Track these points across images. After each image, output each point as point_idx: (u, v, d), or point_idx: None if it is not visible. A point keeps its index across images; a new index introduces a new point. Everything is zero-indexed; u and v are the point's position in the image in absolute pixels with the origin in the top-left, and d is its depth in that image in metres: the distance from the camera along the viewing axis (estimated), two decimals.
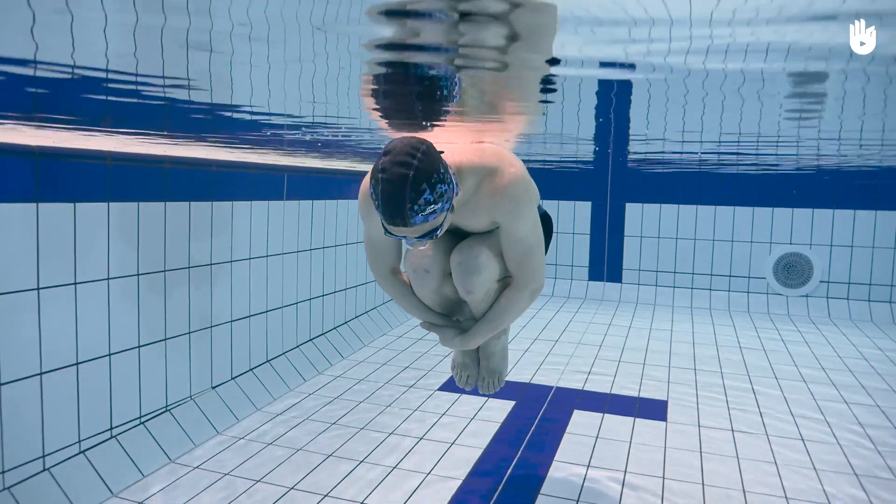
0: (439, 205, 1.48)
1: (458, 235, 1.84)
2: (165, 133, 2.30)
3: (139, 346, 2.61)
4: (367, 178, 1.71)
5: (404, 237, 1.54)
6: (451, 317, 1.96)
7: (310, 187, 3.88)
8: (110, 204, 2.44)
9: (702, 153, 4.05)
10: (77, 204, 2.30)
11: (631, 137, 3.20)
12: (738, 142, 3.20)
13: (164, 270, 2.73)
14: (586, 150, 4.08)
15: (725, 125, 2.61)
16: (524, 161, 1.80)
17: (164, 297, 2.73)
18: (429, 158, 1.47)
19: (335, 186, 4.14)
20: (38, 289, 2.16)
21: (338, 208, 4.18)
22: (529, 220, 1.71)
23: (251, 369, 3.34)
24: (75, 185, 2.31)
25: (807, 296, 5.75)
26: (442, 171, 1.50)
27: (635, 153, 4.45)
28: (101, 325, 2.43)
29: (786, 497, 2.37)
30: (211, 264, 3.02)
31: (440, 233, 1.56)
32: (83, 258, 2.33)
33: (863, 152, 3.66)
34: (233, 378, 3.19)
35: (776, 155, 4.13)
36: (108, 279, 2.44)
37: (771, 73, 1.65)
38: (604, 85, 1.82)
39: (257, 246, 3.37)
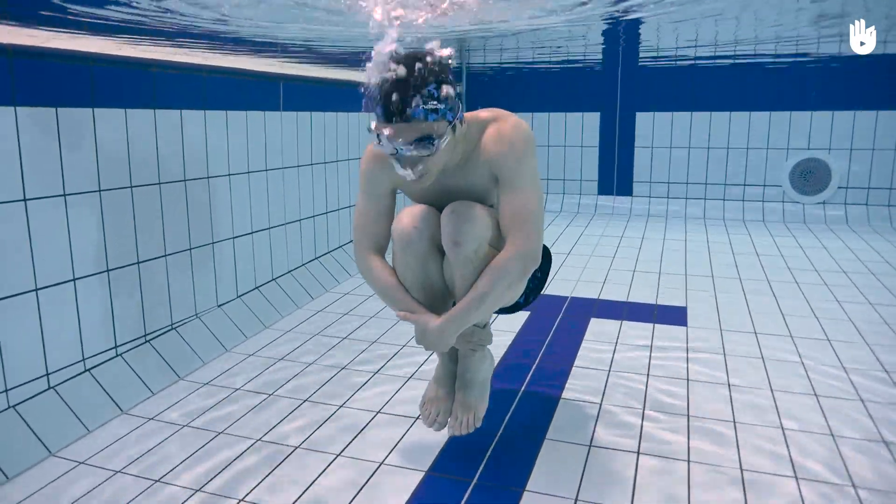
0: (442, 106, 1.47)
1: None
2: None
3: (138, 263, 2.50)
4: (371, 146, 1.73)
5: (398, 148, 1.48)
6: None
7: (309, 98, 3.68)
8: (95, 110, 2.27)
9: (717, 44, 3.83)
10: (59, 109, 2.14)
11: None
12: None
13: (159, 183, 2.58)
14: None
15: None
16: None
17: (161, 212, 2.60)
18: (440, 63, 1.49)
19: (335, 97, 3.94)
20: (24, 200, 2.02)
21: (338, 121, 3.99)
22: (530, 170, 1.64)
23: (257, 287, 3.24)
24: (56, 88, 2.14)
25: (824, 203, 5.60)
26: (451, 78, 1.51)
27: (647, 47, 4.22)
28: (97, 239, 2.30)
29: (815, 395, 2.29)
30: (208, 177, 2.87)
31: (437, 145, 1.50)
32: (70, 168, 2.18)
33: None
34: (238, 296, 3.10)
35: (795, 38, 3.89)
36: (99, 191, 2.30)
37: None
38: None
39: (255, 161, 3.21)
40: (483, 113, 1.69)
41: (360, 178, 1.79)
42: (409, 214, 1.72)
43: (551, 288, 3.63)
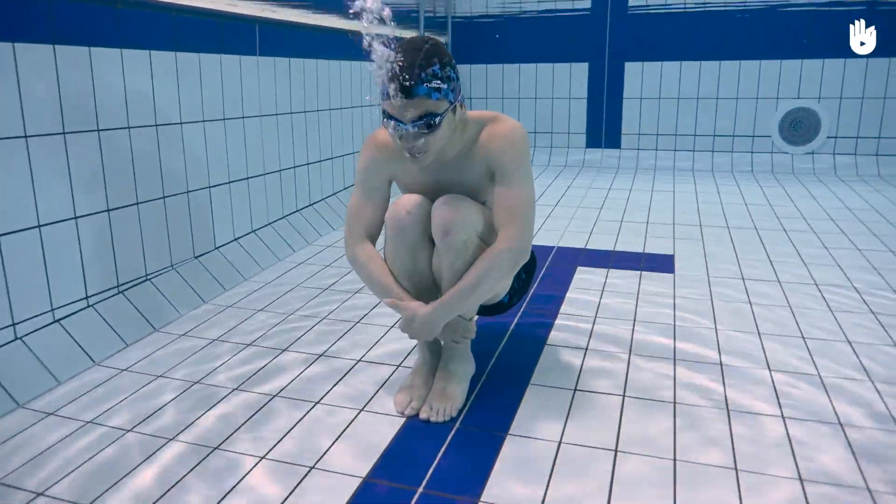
0: (446, 86, 1.55)
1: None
2: None
3: (108, 210, 2.40)
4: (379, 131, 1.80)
5: (401, 124, 1.54)
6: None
7: (287, 43, 3.54)
8: (56, 47, 2.15)
9: None
10: (16, 44, 2.01)
11: None
12: None
13: (129, 127, 2.47)
14: None
15: None
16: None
17: (132, 158, 2.50)
18: (443, 47, 1.60)
19: (316, 44, 3.80)
20: None
21: (318, 68, 3.86)
22: (525, 169, 1.70)
23: (236, 239, 3.16)
24: (11, 21, 2.01)
25: (812, 153, 5.54)
26: (454, 63, 1.62)
27: None
28: (62, 185, 2.20)
29: (803, 337, 2.27)
30: (181, 123, 2.76)
31: (438, 123, 1.55)
32: (31, 108, 2.06)
33: None
34: (216, 248, 3.02)
35: None
36: (63, 133, 2.19)
37: None
38: None
39: (231, 107, 3.09)
40: (482, 113, 1.75)
41: (358, 168, 1.83)
42: (403, 200, 1.74)
43: (536, 239, 3.57)
